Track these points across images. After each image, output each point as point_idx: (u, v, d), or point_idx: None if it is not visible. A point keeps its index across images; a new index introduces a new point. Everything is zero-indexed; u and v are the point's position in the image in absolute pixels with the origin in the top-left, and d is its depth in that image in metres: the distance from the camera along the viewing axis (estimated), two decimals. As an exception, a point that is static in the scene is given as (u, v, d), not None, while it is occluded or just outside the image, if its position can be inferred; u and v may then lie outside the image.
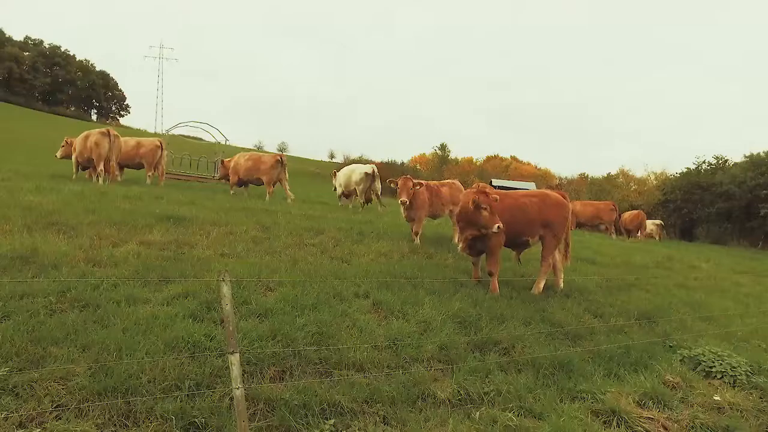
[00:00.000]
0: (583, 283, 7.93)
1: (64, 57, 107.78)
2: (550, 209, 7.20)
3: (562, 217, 7.30)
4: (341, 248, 7.96)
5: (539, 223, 7.12)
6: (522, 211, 7.07)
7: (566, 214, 7.38)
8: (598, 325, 6.01)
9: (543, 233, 7.17)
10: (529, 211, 7.10)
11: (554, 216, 7.21)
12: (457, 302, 5.83)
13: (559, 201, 7.37)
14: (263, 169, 14.43)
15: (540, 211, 7.14)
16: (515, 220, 6.92)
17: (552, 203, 7.29)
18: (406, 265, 7.23)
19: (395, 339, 4.68)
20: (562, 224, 7.29)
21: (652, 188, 50.68)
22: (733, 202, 38.62)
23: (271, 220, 9.24)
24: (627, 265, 11.08)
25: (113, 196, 9.57)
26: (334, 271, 6.44)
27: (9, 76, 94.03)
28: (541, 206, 7.18)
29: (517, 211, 7.03)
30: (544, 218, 7.12)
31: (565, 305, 6.55)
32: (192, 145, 28.85)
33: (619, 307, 6.84)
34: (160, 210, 8.60)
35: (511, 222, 6.78)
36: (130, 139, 14.94)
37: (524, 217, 7.04)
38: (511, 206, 7.01)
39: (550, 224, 7.15)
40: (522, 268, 8.34)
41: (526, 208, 7.11)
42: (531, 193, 7.62)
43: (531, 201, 7.23)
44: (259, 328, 4.35)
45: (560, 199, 7.41)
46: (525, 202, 7.18)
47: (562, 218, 7.31)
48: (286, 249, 7.38)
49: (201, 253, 6.47)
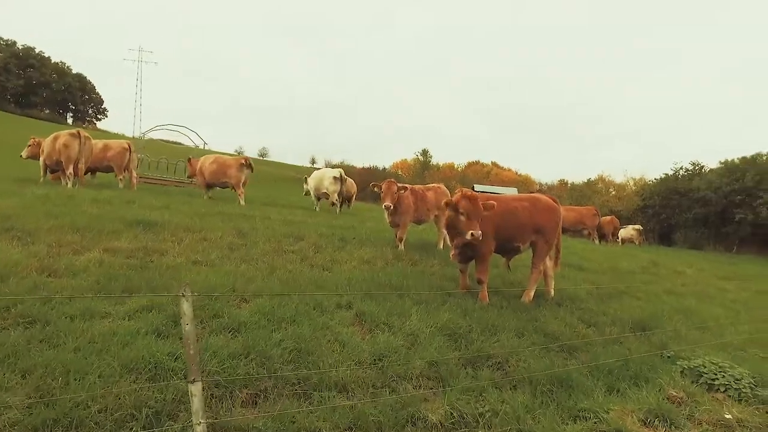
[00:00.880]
0: (574, 290, 7.68)
1: (39, 59, 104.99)
2: (542, 214, 6.90)
3: (553, 222, 7.01)
4: (322, 255, 7.56)
5: (531, 228, 6.81)
6: (513, 216, 6.73)
7: (558, 219, 7.10)
8: (592, 335, 5.73)
9: (534, 239, 6.87)
10: (519, 215, 6.76)
11: (546, 221, 6.91)
12: (445, 313, 5.49)
13: (551, 205, 7.09)
14: (228, 172, 14.21)
15: (531, 215, 6.83)
16: (506, 225, 6.61)
17: (543, 208, 6.99)
18: (391, 273, 6.87)
19: (381, 354, 4.31)
20: (553, 230, 7.01)
21: (632, 194, 51.44)
22: (709, 207, 39.30)
23: (249, 226, 8.79)
24: (614, 271, 10.91)
25: (80, 200, 9.01)
26: (314, 280, 6.04)
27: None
28: (533, 211, 6.87)
29: (508, 215, 6.69)
30: (535, 223, 6.82)
31: (558, 314, 6.27)
32: (170, 149, 28.14)
33: (613, 315, 6.58)
34: (131, 215, 8.09)
35: (501, 227, 6.50)
36: (98, 142, 14.30)
37: (515, 222, 6.71)
38: (501, 211, 6.67)
39: (542, 230, 6.85)
40: (511, 275, 8.05)
41: (516, 213, 6.76)
42: (522, 197, 7.31)
43: (522, 205, 6.91)
44: (231, 345, 3.93)
45: (551, 204, 7.12)
46: (516, 207, 6.85)
47: (554, 223, 7.03)
48: (263, 256, 6.96)
49: (171, 261, 6.01)
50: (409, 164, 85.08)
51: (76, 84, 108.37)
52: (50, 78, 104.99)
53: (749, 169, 36.67)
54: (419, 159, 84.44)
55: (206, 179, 14.56)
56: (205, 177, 14.53)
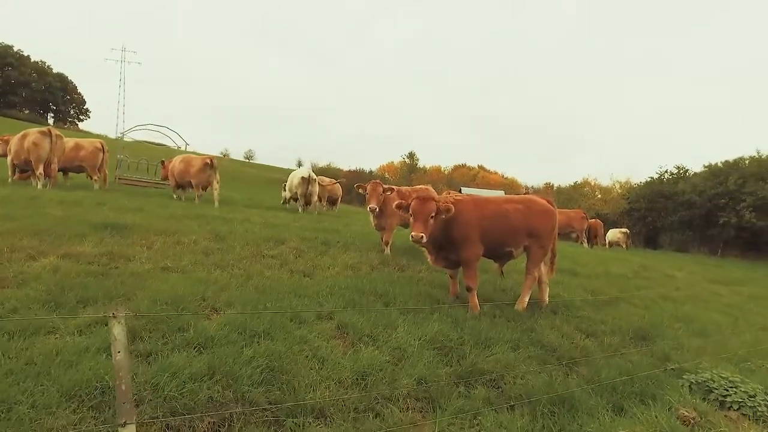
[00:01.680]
0: (569, 297, 7.33)
1: (18, 57, 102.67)
2: (537, 217, 6.51)
3: (549, 226, 6.63)
4: (303, 260, 7.12)
5: (524, 232, 6.42)
6: (505, 219, 6.32)
7: (553, 223, 6.72)
8: (592, 346, 5.37)
9: (528, 243, 6.49)
10: (512, 218, 6.36)
11: (541, 225, 6.51)
12: (435, 323, 5.08)
13: (546, 208, 6.70)
14: (192, 171, 13.73)
15: (525, 218, 6.43)
16: (497, 228, 6.23)
17: (539, 211, 6.59)
18: (376, 280, 6.45)
19: (364, 372, 3.88)
20: (549, 234, 6.63)
21: (617, 197, 51.73)
22: (694, 210, 39.60)
23: (227, 229, 8.31)
24: (607, 276, 10.61)
25: (45, 202, 8.45)
26: (293, 288, 5.59)
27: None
28: (527, 214, 6.47)
29: (500, 218, 6.30)
30: (529, 227, 6.43)
31: (554, 324, 5.90)
32: (151, 150, 27.40)
33: (611, 324, 6.23)
34: (99, 217, 7.56)
35: (490, 231, 6.13)
36: (69, 140, 13.66)
37: (507, 226, 6.31)
38: (493, 213, 6.30)
39: (537, 234, 6.47)
40: (503, 281, 7.67)
41: (509, 216, 6.35)
42: (515, 199, 6.90)
43: (515, 208, 6.50)
44: (194, 364, 3.47)
45: (547, 206, 6.73)
46: (508, 209, 6.44)
47: (550, 228, 6.64)
48: (240, 261, 6.49)
49: (137, 268, 5.51)
50: (396, 167, 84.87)
51: (57, 84, 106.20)
52: (30, 77, 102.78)
53: (732, 173, 37.04)
54: (406, 162, 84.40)
55: (175, 179, 14.29)
56: (175, 177, 14.24)
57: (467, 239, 5.93)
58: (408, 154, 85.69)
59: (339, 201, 19.97)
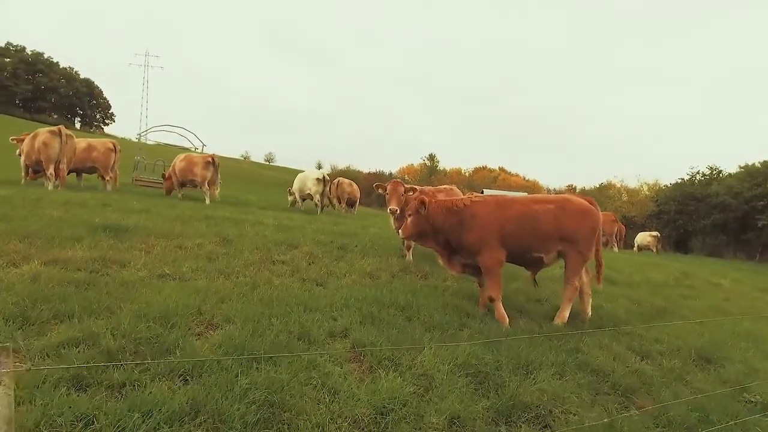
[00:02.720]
0: (613, 309, 6.53)
1: (47, 64, 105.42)
2: (571, 219, 5.74)
3: (588, 228, 5.84)
4: (317, 267, 6.47)
5: (556, 236, 5.68)
6: (531, 221, 5.65)
7: (594, 225, 5.92)
8: (649, 370, 4.57)
9: (563, 249, 5.74)
10: (541, 221, 5.65)
11: (577, 227, 5.74)
12: (465, 342, 4.36)
13: (585, 209, 5.92)
14: (194, 170, 13.89)
15: (557, 221, 5.69)
16: (522, 231, 5.60)
17: (574, 211, 5.82)
18: (397, 289, 5.76)
19: (385, 407, 3.19)
20: (588, 238, 5.84)
21: (645, 199, 49.87)
22: (728, 213, 37.77)
23: (236, 232, 7.72)
24: (648, 284, 9.71)
25: (48, 203, 8.00)
26: (303, 299, 4.94)
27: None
28: (559, 215, 5.71)
29: (525, 220, 5.64)
30: (562, 230, 5.68)
31: (602, 342, 5.12)
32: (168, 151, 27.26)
33: (667, 343, 5.42)
34: (100, 219, 7.05)
35: (513, 234, 5.55)
36: (81, 141, 13.38)
37: (534, 229, 5.63)
38: (518, 215, 5.64)
39: (572, 238, 5.71)
40: (539, 290, 6.89)
41: (537, 218, 5.67)
42: (546, 199, 6.15)
43: (545, 208, 5.77)
44: (176, 399, 2.83)
45: (585, 207, 5.95)
46: (536, 210, 5.74)
47: (589, 230, 5.85)
48: (247, 268, 5.88)
49: (130, 276, 4.93)
50: (416, 169, 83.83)
51: (84, 89, 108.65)
52: (58, 83, 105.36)
53: (772, 173, 35.19)
54: (426, 164, 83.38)
55: (178, 177, 14.30)
56: (177, 175, 14.27)
57: (485, 243, 5.50)
58: (428, 156, 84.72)
59: (357, 203, 19.37)
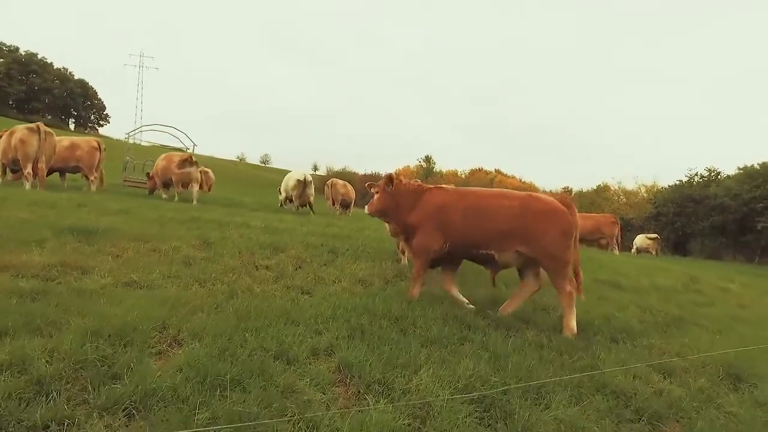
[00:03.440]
0: (625, 318, 6.02)
1: (41, 65, 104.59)
2: (536, 219, 5.19)
3: (557, 230, 5.18)
4: (304, 272, 5.95)
5: (515, 235, 5.20)
6: (483, 216, 5.29)
7: (565, 227, 5.24)
8: (675, 390, 4.06)
9: (527, 251, 5.21)
10: (496, 217, 5.26)
11: (542, 229, 5.16)
12: (467, 360, 3.84)
13: (553, 209, 5.29)
14: (172, 168, 13.79)
15: (518, 219, 5.21)
16: (469, 225, 5.30)
17: (540, 211, 5.24)
18: (391, 298, 5.24)
19: (372, 445, 2.67)
20: (558, 240, 5.18)
21: (643, 201, 49.54)
22: (727, 215, 37.42)
23: (219, 234, 7.20)
24: (656, 289, 9.20)
25: (14, 203, 7.44)
26: (286, 310, 4.40)
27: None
28: (522, 214, 5.22)
29: (476, 214, 5.31)
30: (524, 230, 5.18)
31: (618, 357, 4.60)
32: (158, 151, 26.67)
33: (691, 358, 4.90)
34: (70, 221, 6.52)
35: (461, 226, 5.32)
36: (64, 139, 12.89)
37: (484, 224, 5.26)
38: (468, 207, 5.36)
39: (536, 240, 5.16)
40: (544, 298, 6.35)
41: (490, 213, 5.29)
42: (512, 195, 5.57)
43: (505, 205, 5.32)
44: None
45: (554, 207, 5.31)
46: (492, 205, 5.35)
47: (558, 232, 5.19)
48: (226, 274, 5.35)
49: (90, 284, 4.40)
50: (412, 171, 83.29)
51: (78, 90, 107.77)
52: (52, 84, 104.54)
53: (772, 175, 34.85)
54: (422, 165, 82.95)
55: (159, 177, 14.23)
56: (159, 175, 14.19)
57: (422, 227, 5.44)
58: (424, 158, 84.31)
59: (352, 204, 18.85)
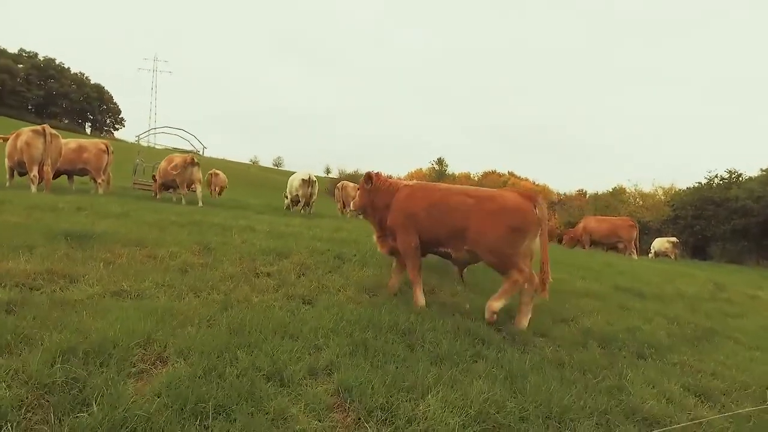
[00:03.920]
0: (652, 331, 5.58)
1: (59, 70, 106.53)
2: (485, 216, 4.86)
3: (503, 227, 4.78)
4: (307, 280, 5.60)
5: (466, 232, 4.95)
6: (441, 212, 5.11)
7: (515, 223, 4.78)
8: (716, 419, 3.63)
9: (474, 249, 4.97)
10: (452, 214, 5.05)
11: (487, 225, 4.83)
12: (480, 381, 3.47)
13: (504, 206, 4.87)
14: (168, 169, 13.75)
15: (469, 216, 4.93)
16: (430, 222, 5.19)
17: (491, 208, 4.88)
18: (398, 308, 4.87)
19: (370, 488, 2.31)
20: (503, 237, 4.79)
21: (660, 204, 48.53)
22: (750, 218, 36.34)
23: (220, 239, 6.89)
24: (681, 297, 8.70)
25: (12, 206, 7.23)
26: (284, 323, 4.07)
27: (2, 88, 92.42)
28: (474, 210, 4.94)
29: (436, 211, 5.15)
30: (473, 227, 4.90)
31: (647, 376, 4.18)
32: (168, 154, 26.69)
33: (729, 378, 4.45)
34: (65, 225, 6.25)
35: (425, 223, 5.21)
36: (71, 141, 12.78)
37: (442, 221, 5.10)
38: (430, 204, 5.20)
39: (479, 237, 4.88)
40: (564, 311, 5.93)
41: (447, 210, 5.10)
42: (469, 192, 5.25)
43: (462, 201, 5.06)
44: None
45: (506, 204, 4.88)
46: (451, 202, 5.13)
47: (504, 229, 4.78)
48: (223, 282, 5.03)
49: (77, 293, 4.11)
50: (425, 173, 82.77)
51: (94, 94, 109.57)
52: (69, 88, 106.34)
53: (798, 176, 33.79)
54: (435, 168, 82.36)
55: (160, 179, 14.16)
56: (160, 176, 14.12)
57: (400, 226, 5.35)
58: (437, 160, 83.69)
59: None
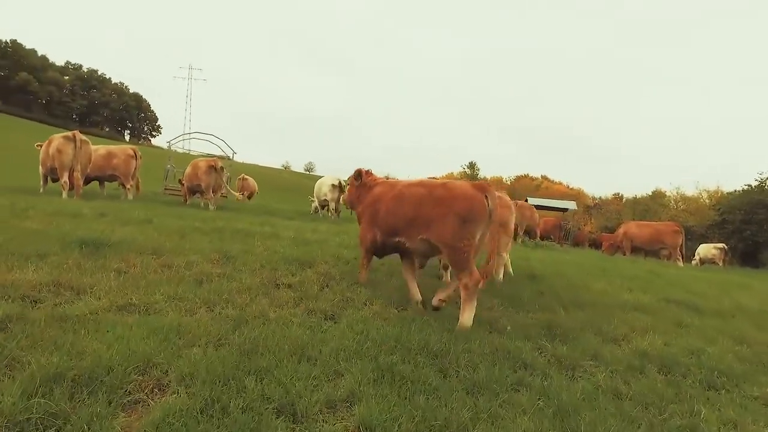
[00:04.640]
0: (719, 355, 4.90)
1: (101, 80, 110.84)
2: (433, 204, 4.75)
3: (451, 215, 4.59)
4: (331, 292, 5.19)
5: (418, 222, 4.87)
6: (397, 204, 5.12)
7: (462, 211, 4.58)
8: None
9: (428, 237, 4.79)
10: (405, 205, 5.02)
11: (436, 214, 4.71)
12: (525, 418, 2.96)
13: (452, 193, 4.70)
14: (198, 175, 13.72)
15: (420, 206, 4.86)
16: (388, 214, 5.21)
17: (440, 196, 4.75)
18: (430, 326, 4.39)
19: None
20: (452, 225, 4.58)
21: (705, 207, 46.25)
22: (807, 222, 34.02)
23: (242, 247, 6.59)
24: (743, 312, 7.86)
25: (35, 212, 7.14)
26: (301, 343, 3.65)
27: (50, 99, 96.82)
28: (424, 200, 4.84)
29: (393, 203, 5.18)
30: (423, 216, 4.82)
31: (723, 414, 3.55)
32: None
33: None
34: (82, 232, 6.08)
35: (383, 216, 5.27)
36: (101, 148, 12.89)
37: (397, 213, 5.10)
38: (391, 197, 5.22)
39: (429, 225, 4.76)
40: (615, 329, 5.31)
41: (402, 201, 5.07)
42: (426, 183, 5.12)
43: (416, 192, 4.99)
44: None
45: (454, 192, 4.72)
46: (407, 193, 5.09)
47: (453, 216, 4.59)
48: (240, 295, 4.67)
49: (81, 307, 3.81)
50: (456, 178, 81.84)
51: (133, 103, 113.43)
52: (110, 98, 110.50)
53: None
54: (466, 172, 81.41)
55: (186, 184, 14.25)
56: (186, 182, 14.22)
57: (363, 219, 5.65)
58: (468, 165, 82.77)
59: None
